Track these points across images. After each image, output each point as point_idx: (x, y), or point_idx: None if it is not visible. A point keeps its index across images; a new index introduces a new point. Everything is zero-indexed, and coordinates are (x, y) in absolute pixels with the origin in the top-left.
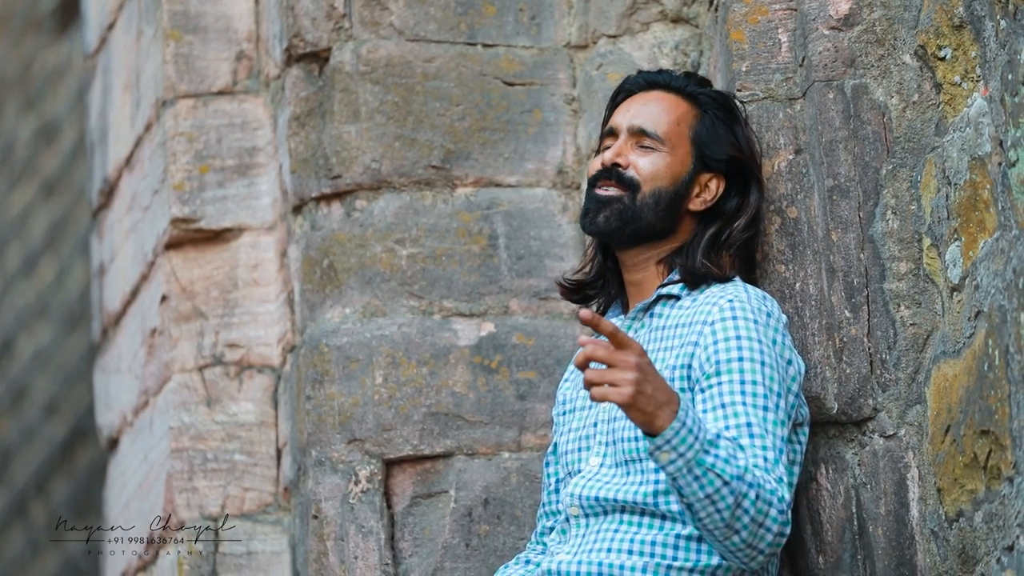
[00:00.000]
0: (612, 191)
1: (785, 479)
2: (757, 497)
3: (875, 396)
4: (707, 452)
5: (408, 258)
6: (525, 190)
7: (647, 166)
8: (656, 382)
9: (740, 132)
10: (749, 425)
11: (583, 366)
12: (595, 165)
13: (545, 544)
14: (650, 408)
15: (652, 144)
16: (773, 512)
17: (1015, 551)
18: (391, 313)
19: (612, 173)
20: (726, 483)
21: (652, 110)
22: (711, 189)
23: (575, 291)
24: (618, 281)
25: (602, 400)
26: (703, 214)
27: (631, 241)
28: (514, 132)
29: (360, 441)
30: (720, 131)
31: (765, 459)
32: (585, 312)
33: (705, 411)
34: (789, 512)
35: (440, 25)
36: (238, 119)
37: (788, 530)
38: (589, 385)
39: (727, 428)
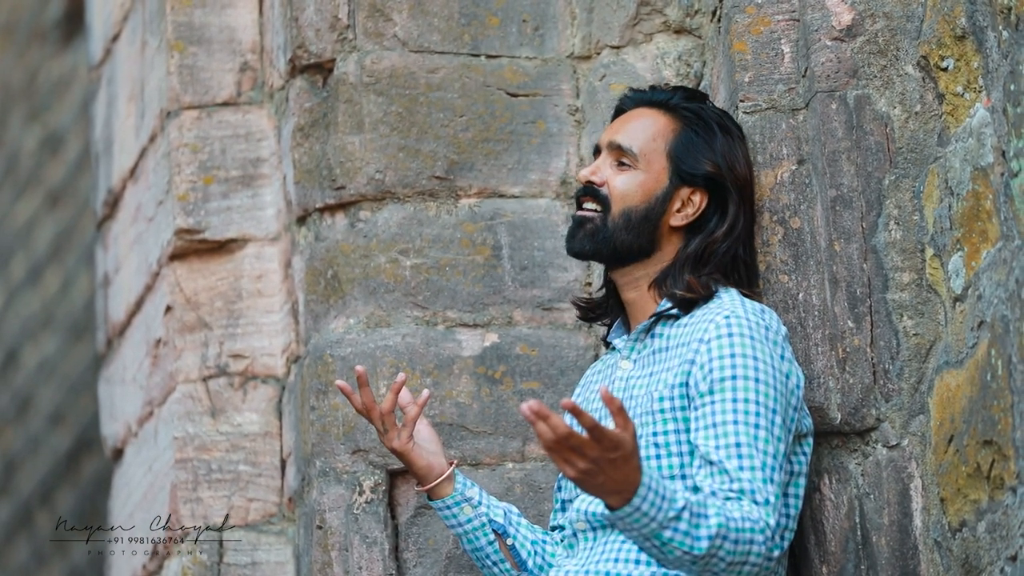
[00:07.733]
0: (588, 209)
1: (772, 500)
2: (736, 542)
3: (878, 406)
4: (665, 528)
5: (412, 268)
6: (529, 201)
7: (619, 185)
8: (612, 474)
9: (719, 146)
10: (738, 445)
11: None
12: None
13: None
14: (598, 494)
15: (628, 161)
16: (755, 548)
17: (1018, 561)
18: (395, 323)
19: (589, 190)
20: (687, 552)
21: (632, 126)
22: (694, 203)
23: (589, 310)
24: (618, 299)
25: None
26: (689, 229)
27: (614, 261)
28: (517, 143)
29: (364, 451)
30: (698, 146)
31: (751, 480)
32: (567, 401)
33: (697, 430)
34: (777, 535)
35: (444, 36)
36: (242, 130)
37: (779, 549)
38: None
39: (716, 448)
